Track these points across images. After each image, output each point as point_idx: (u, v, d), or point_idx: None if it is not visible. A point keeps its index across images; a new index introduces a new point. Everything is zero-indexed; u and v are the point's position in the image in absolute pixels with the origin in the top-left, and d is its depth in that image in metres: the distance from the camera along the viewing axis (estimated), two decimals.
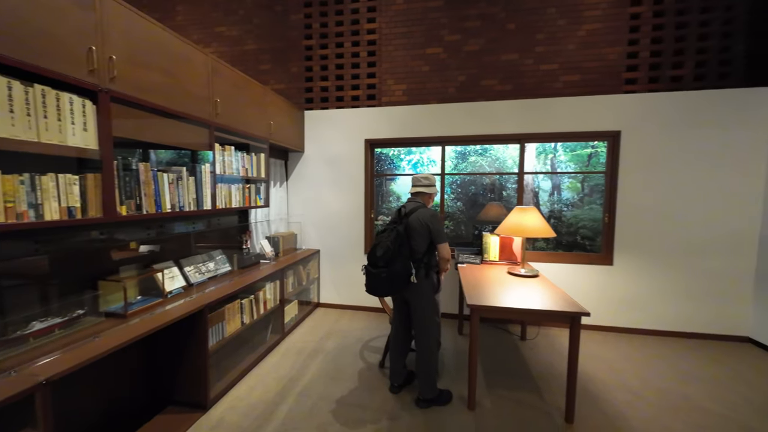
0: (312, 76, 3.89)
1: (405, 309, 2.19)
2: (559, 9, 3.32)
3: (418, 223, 2.00)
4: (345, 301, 3.83)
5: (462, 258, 3.11)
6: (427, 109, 3.55)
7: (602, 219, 3.20)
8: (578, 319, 1.89)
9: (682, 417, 2.01)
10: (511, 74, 3.47)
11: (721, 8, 3.05)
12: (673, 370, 2.54)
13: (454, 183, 3.82)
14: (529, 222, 2.56)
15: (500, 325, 3.35)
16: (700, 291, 3.04)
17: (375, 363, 2.63)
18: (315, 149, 3.78)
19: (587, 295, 3.22)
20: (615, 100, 3.14)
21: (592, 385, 2.35)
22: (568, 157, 3.72)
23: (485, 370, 2.54)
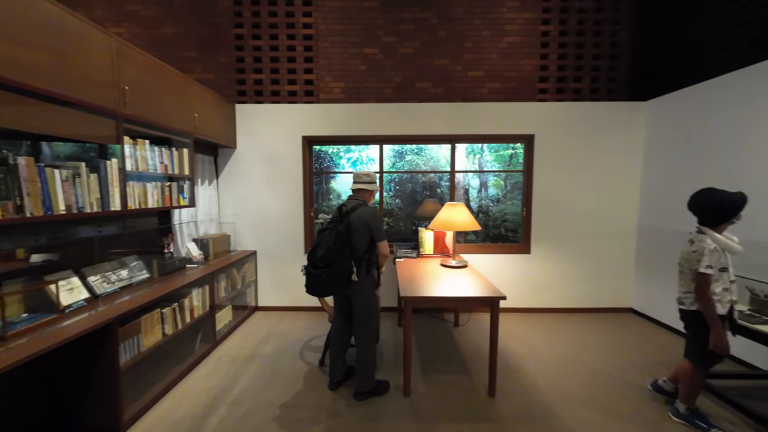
0: (244, 68, 3.67)
1: (346, 305, 2.21)
2: (483, 21, 3.62)
3: (359, 221, 2.03)
4: (285, 302, 3.72)
5: (400, 253, 3.23)
6: (365, 108, 3.60)
7: (521, 213, 3.60)
8: (497, 303, 2.10)
9: (579, 380, 2.37)
10: (443, 79, 3.69)
11: (609, 33, 3.62)
12: (575, 341, 2.97)
13: (393, 181, 3.95)
14: (457, 217, 2.77)
15: (436, 315, 3.57)
16: (595, 272, 3.59)
17: (315, 362, 2.62)
18: (249, 145, 3.59)
19: (509, 281, 3.59)
20: (530, 107, 3.53)
21: (512, 360, 2.64)
22: (493, 158, 4.09)
23: (421, 357, 2.69)
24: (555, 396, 2.19)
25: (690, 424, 1.88)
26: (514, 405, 2.10)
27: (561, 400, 2.14)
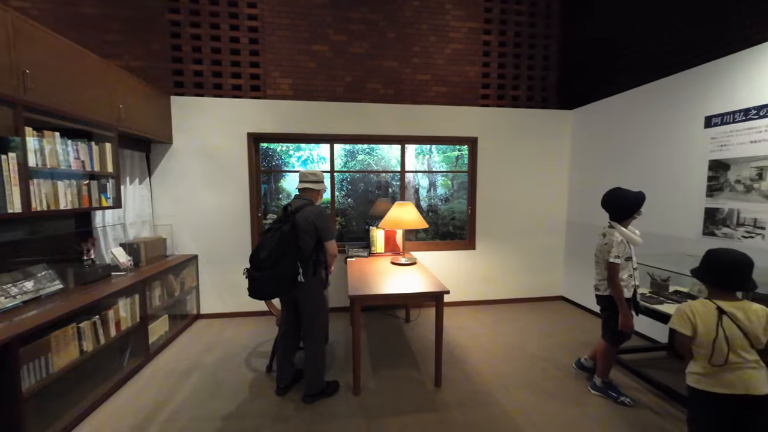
0: (181, 57, 3.40)
1: (293, 307, 2.16)
2: (430, 27, 3.75)
3: (305, 221, 1.99)
4: (231, 308, 3.51)
5: (351, 252, 3.23)
6: (315, 106, 3.53)
7: (467, 211, 3.80)
8: (441, 297, 2.20)
9: (517, 365, 2.58)
10: (393, 80, 3.76)
11: (541, 46, 3.97)
12: (515, 329, 3.22)
13: (345, 180, 3.93)
14: (406, 216, 2.84)
15: (388, 312, 3.63)
16: (532, 264, 3.92)
17: (262, 369, 2.51)
18: (187, 141, 3.33)
19: (457, 275, 3.78)
20: (473, 112, 3.74)
21: (458, 350, 2.79)
22: (441, 158, 4.27)
23: (372, 355, 2.72)
24: (495, 381, 2.35)
25: (604, 394, 2.15)
26: (457, 393, 2.21)
27: (500, 385, 2.30)
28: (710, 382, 1.36)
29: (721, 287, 1.40)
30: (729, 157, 2.28)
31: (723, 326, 1.33)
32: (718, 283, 1.40)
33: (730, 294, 1.39)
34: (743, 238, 2.21)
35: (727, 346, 1.32)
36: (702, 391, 1.38)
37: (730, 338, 1.32)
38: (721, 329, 1.33)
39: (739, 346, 1.32)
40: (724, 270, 1.38)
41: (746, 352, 1.32)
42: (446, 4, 3.74)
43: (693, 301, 1.44)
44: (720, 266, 1.39)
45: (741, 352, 1.32)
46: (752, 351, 1.33)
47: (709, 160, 2.40)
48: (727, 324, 1.33)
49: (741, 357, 1.32)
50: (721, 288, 1.40)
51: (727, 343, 1.32)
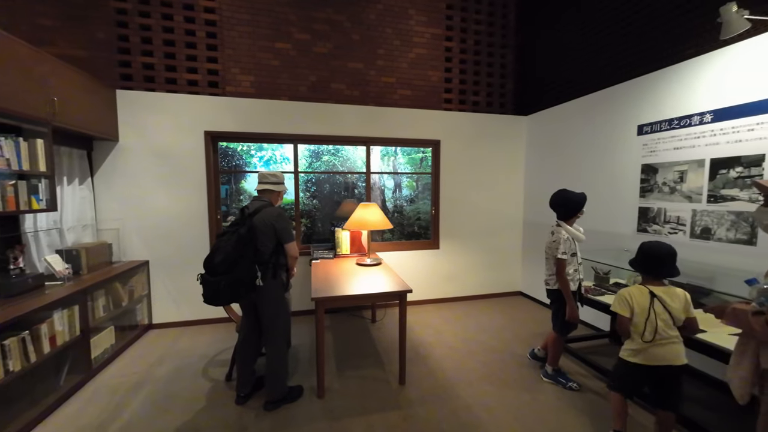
0: (129, 48, 3.16)
1: (253, 312, 2.09)
2: (394, 31, 3.81)
3: (263, 223, 1.94)
4: (188, 316, 3.32)
5: (316, 254, 3.19)
6: (279, 105, 3.45)
7: (431, 211, 3.91)
8: (404, 296, 2.24)
9: (478, 358, 2.69)
10: (358, 82, 3.77)
11: (499, 54, 4.19)
12: (476, 324, 3.36)
13: (310, 181, 3.87)
14: (370, 216, 2.86)
15: (354, 313, 3.63)
16: (492, 262, 4.12)
17: (221, 378, 2.40)
18: (137, 139, 3.10)
19: (421, 274, 3.87)
20: (436, 115, 3.85)
21: (422, 348, 2.85)
22: (406, 160, 4.35)
23: (337, 356, 2.71)
24: (457, 376, 2.44)
25: (555, 381, 2.31)
26: (421, 389, 2.26)
27: (462, 379, 2.39)
28: (642, 356, 1.59)
29: (652, 275, 1.64)
30: (657, 162, 2.56)
31: (654, 308, 1.57)
32: (649, 272, 1.64)
33: (659, 280, 1.63)
34: (669, 233, 2.48)
35: (655, 325, 1.56)
36: (634, 364, 1.61)
37: (659, 317, 1.56)
38: (653, 310, 1.57)
39: (666, 324, 1.56)
40: (654, 260, 1.62)
41: (670, 330, 1.57)
42: (409, 9, 3.82)
43: (630, 287, 1.67)
44: (651, 257, 1.63)
45: (667, 330, 1.56)
46: (674, 328, 1.58)
47: (641, 165, 2.68)
48: (657, 305, 1.57)
49: (667, 333, 1.56)
50: (652, 275, 1.64)
51: (656, 322, 1.56)
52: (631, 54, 2.86)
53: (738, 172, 2.09)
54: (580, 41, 3.38)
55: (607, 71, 3.07)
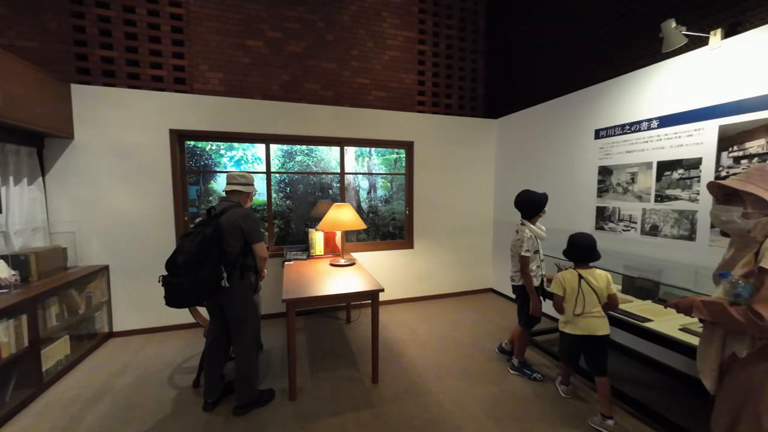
0: (86, 40, 2.98)
1: (221, 315, 2.04)
2: (368, 32, 3.84)
3: (230, 223, 1.90)
4: (153, 323, 3.17)
5: (289, 256, 3.16)
6: (250, 104, 3.38)
7: (405, 212, 3.97)
8: (376, 295, 2.26)
9: (450, 354, 2.76)
10: (332, 82, 3.76)
11: (470, 59, 4.32)
12: (449, 321, 3.44)
13: (283, 182, 3.82)
14: (344, 217, 2.87)
15: (329, 314, 3.62)
16: (464, 260, 4.24)
17: (188, 385, 2.32)
18: (94, 136, 2.93)
19: (396, 274, 3.92)
20: (410, 117, 3.92)
21: (396, 346, 2.89)
22: (380, 161, 4.39)
23: (311, 358, 2.69)
24: (429, 372, 2.49)
25: (521, 373, 2.42)
26: (394, 387, 2.30)
27: (434, 375, 2.45)
28: (571, 327, 1.95)
29: (579, 260, 1.99)
30: (612, 164, 2.75)
31: (581, 287, 1.92)
32: (577, 258, 2.00)
33: (585, 264, 1.98)
34: (623, 231, 2.67)
35: (583, 301, 1.91)
36: (566, 333, 1.98)
37: (585, 295, 1.91)
38: (581, 289, 1.92)
39: (590, 300, 1.91)
40: (579, 249, 1.97)
41: (594, 306, 1.91)
42: (383, 12, 3.87)
43: (564, 271, 2.02)
44: (577, 247, 1.98)
45: (592, 305, 1.91)
46: (598, 305, 1.92)
47: (598, 166, 2.86)
48: (584, 285, 1.92)
49: (591, 309, 1.90)
50: (579, 260, 1.99)
51: (583, 298, 1.91)
52: (590, 63, 3.05)
53: (680, 174, 2.29)
54: (543, 50, 3.56)
55: (568, 78, 3.25)
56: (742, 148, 1.98)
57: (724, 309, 1.06)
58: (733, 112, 2.01)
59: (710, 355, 1.17)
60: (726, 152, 2.05)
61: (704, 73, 2.15)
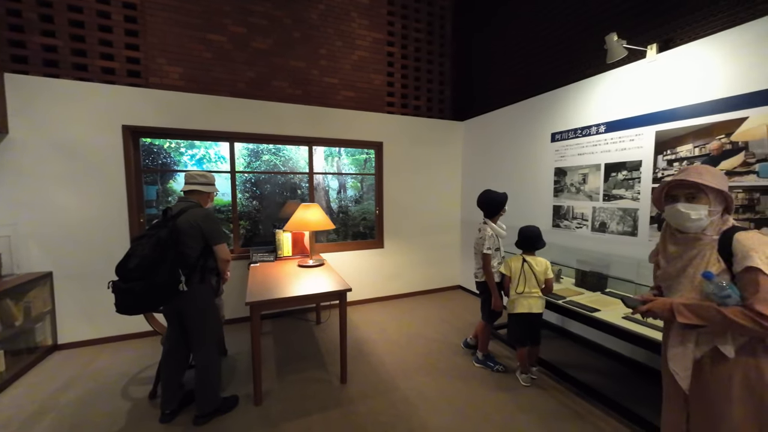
0: (22, 25, 2.72)
1: (179, 320, 1.94)
2: (336, 32, 3.82)
3: (188, 224, 1.82)
4: (106, 332, 2.96)
5: (255, 257, 3.07)
6: (213, 101, 3.25)
7: (375, 212, 4.00)
8: (344, 295, 2.27)
9: (418, 351, 2.82)
10: (301, 81, 3.70)
11: (438, 63, 4.43)
12: (419, 318, 3.51)
13: (249, 182, 3.70)
14: (311, 217, 2.84)
15: (299, 316, 3.56)
16: (433, 259, 4.34)
17: (144, 396, 2.20)
18: (33, 131, 2.68)
19: (367, 274, 3.94)
20: (379, 118, 3.95)
21: (366, 345, 2.91)
22: (350, 161, 4.39)
23: (278, 361, 2.64)
24: (398, 369, 2.53)
25: (484, 366, 2.52)
26: (362, 386, 2.31)
27: (402, 372, 2.49)
28: (515, 305, 2.27)
29: (525, 248, 2.32)
30: (566, 166, 2.94)
31: (524, 269, 2.25)
32: (523, 246, 2.32)
33: (530, 251, 2.32)
34: (576, 228, 2.87)
35: (524, 282, 2.24)
36: (512, 314, 2.30)
37: (526, 276, 2.24)
38: (523, 271, 2.25)
39: (530, 282, 2.24)
40: (525, 239, 2.31)
41: (533, 287, 2.23)
42: (351, 12, 3.86)
43: (513, 256, 2.36)
44: (523, 237, 2.31)
45: (531, 286, 2.23)
46: (537, 287, 2.23)
47: (554, 168, 3.05)
48: (526, 268, 2.26)
49: (530, 289, 2.23)
50: (526, 248, 2.32)
51: (525, 280, 2.24)
52: (546, 70, 3.23)
53: (624, 175, 2.50)
54: (505, 56, 3.73)
55: (528, 84, 3.43)
56: (674, 152, 2.20)
57: (718, 312, 1.01)
58: (667, 120, 2.23)
59: (686, 355, 1.14)
60: (661, 156, 2.26)
61: (643, 83, 2.36)
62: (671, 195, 1.18)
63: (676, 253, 1.18)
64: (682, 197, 1.14)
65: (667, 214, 1.19)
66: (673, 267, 1.19)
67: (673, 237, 1.21)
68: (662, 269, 1.24)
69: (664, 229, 1.27)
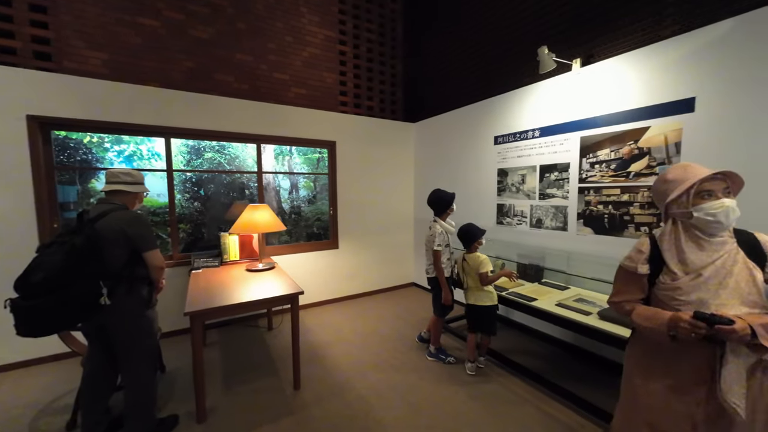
0: None
1: (102, 338, 1.71)
2: (285, 26, 3.68)
3: (111, 229, 1.60)
4: (8, 358, 2.52)
5: (198, 263, 2.84)
6: (145, 92, 2.93)
7: (329, 212, 3.93)
8: (296, 299, 2.19)
9: (373, 350, 2.83)
10: (248, 75, 3.50)
11: (390, 65, 4.49)
12: (375, 317, 3.53)
13: (189, 181, 3.41)
14: (261, 218, 2.71)
15: (249, 323, 3.38)
16: (388, 257, 4.40)
17: (61, 428, 1.91)
18: None
19: (322, 275, 3.86)
20: (332, 117, 3.89)
21: (321, 348, 2.85)
22: (302, 160, 4.27)
23: (225, 372, 2.47)
24: (354, 370, 2.52)
25: (437, 359, 2.62)
26: (317, 390, 2.26)
27: (358, 372, 2.48)
28: (465, 297, 2.45)
29: (464, 244, 2.44)
30: (507, 167, 3.17)
31: (463, 265, 2.44)
32: (462, 242, 2.44)
33: (468, 248, 2.42)
34: (517, 225, 3.10)
35: (466, 277, 2.42)
36: (465, 305, 2.47)
37: (466, 273, 2.42)
38: (463, 268, 2.44)
39: (469, 276, 2.40)
40: (462, 236, 2.42)
41: (473, 282, 2.38)
42: (301, 7, 3.75)
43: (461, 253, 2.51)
44: (461, 234, 2.42)
45: (471, 281, 2.39)
46: (477, 280, 2.35)
47: (497, 169, 3.27)
48: (465, 264, 2.42)
49: (471, 284, 2.40)
50: (464, 244, 2.44)
51: (465, 276, 2.42)
52: (491, 77, 3.45)
53: (555, 176, 2.76)
54: (452, 62, 3.90)
55: (473, 90, 3.63)
56: (596, 156, 2.48)
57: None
58: (589, 127, 2.51)
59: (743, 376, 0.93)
60: (585, 158, 2.54)
61: (570, 93, 2.63)
62: (703, 191, 1.00)
63: (703, 261, 1.00)
64: (719, 192, 0.99)
65: (705, 213, 0.98)
66: (705, 279, 0.98)
67: (697, 241, 1.02)
68: (683, 282, 1.01)
69: (671, 232, 1.06)
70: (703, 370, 1.00)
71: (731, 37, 1.84)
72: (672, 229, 1.07)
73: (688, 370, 1.03)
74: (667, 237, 1.07)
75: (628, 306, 1.16)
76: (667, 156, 2.11)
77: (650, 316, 1.05)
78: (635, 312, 1.12)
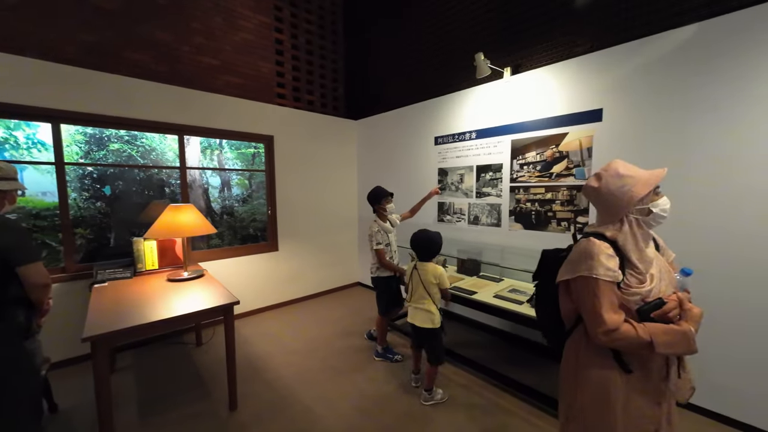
0: None
1: None
2: (214, 6, 3.30)
3: None
4: None
5: (102, 275, 2.38)
6: (22, 63, 2.35)
7: (267, 212, 3.65)
8: (230, 309, 1.97)
9: (317, 355, 2.70)
10: (166, 56, 3.06)
11: (331, 60, 4.35)
12: (319, 321, 3.38)
13: (89, 176, 2.84)
14: (185, 220, 2.37)
15: (172, 340, 2.96)
16: (331, 258, 4.27)
17: None
18: None
19: (259, 280, 3.58)
20: (269, 109, 3.62)
21: (260, 360, 2.62)
22: (235, 155, 3.90)
23: (142, 401, 2.12)
24: (297, 379, 2.36)
25: (384, 358, 2.60)
26: (257, 408, 2.06)
27: (303, 382, 2.33)
28: (408, 314, 2.12)
29: (417, 256, 2.13)
30: (447, 167, 3.30)
31: (413, 275, 2.09)
32: (421, 253, 2.11)
33: (420, 258, 2.11)
34: (456, 222, 3.25)
35: (412, 290, 2.08)
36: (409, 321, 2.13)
37: (414, 285, 2.08)
38: (412, 279, 2.09)
39: (417, 291, 2.05)
40: (412, 244, 2.12)
41: (421, 297, 2.04)
42: None
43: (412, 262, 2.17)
44: (411, 242, 2.13)
45: (418, 296, 2.05)
46: (425, 297, 2.02)
47: (438, 168, 3.38)
48: (415, 274, 2.08)
49: (417, 299, 2.05)
50: (418, 256, 2.13)
51: (413, 288, 2.08)
52: (431, 79, 3.55)
53: (490, 176, 2.96)
54: (395, 62, 3.93)
55: (414, 90, 3.70)
56: (524, 158, 2.71)
57: None
58: (519, 131, 2.73)
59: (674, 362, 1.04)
60: (516, 160, 2.77)
61: (502, 98, 2.84)
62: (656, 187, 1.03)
63: (650, 256, 1.03)
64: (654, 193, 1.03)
65: (661, 209, 1.01)
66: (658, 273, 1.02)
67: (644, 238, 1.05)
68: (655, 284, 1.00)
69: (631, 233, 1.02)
70: (663, 366, 1.01)
71: (630, 60, 2.15)
72: (630, 229, 1.02)
73: (658, 367, 1.01)
74: (630, 238, 1.02)
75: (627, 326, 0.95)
76: (582, 159, 2.40)
77: (668, 330, 0.93)
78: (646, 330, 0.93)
